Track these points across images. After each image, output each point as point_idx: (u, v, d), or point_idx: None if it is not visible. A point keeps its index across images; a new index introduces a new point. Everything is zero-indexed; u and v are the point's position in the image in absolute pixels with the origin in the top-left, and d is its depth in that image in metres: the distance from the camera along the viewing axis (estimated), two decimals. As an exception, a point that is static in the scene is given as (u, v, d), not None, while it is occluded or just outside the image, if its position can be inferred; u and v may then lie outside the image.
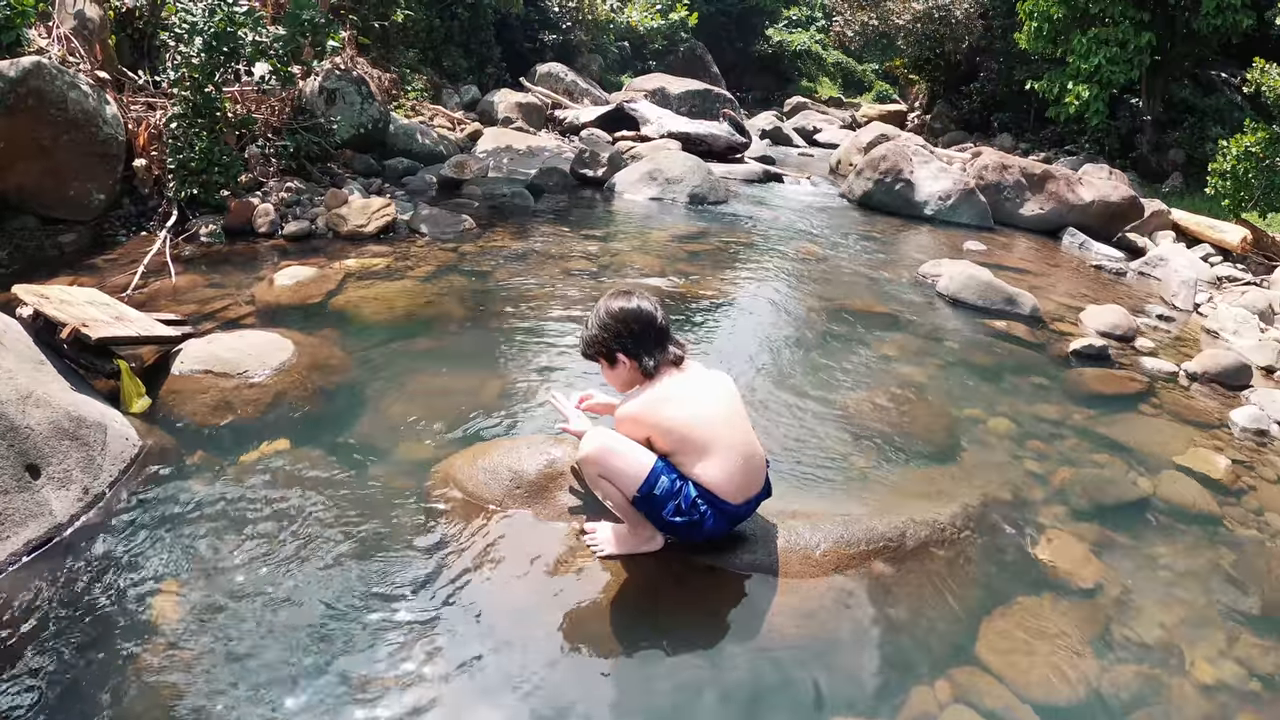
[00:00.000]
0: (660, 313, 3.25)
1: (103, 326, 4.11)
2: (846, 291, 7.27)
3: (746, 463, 3.17)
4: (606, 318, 3.23)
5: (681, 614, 3.11)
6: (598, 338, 3.26)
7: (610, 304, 3.26)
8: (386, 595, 3.01)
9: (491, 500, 3.49)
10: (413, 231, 7.48)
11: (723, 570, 3.26)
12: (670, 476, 3.07)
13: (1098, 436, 5.06)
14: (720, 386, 3.32)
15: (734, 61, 28.71)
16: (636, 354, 3.20)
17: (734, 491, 3.14)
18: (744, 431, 3.23)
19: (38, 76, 6.18)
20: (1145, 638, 3.36)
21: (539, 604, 3.05)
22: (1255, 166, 11.30)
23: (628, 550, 3.25)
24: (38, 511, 3.16)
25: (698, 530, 3.13)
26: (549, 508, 3.49)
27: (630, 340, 3.20)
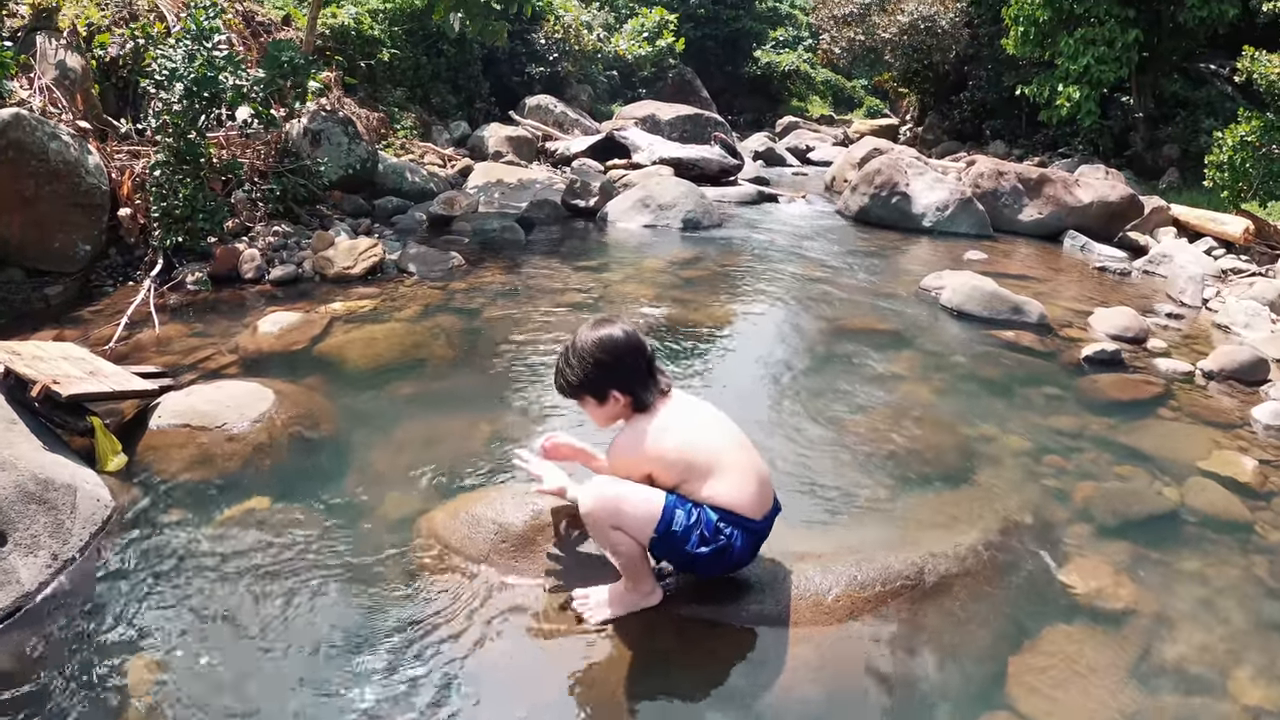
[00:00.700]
0: (646, 339, 3.06)
1: (74, 383, 3.98)
2: (848, 310, 7.13)
3: (758, 475, 3.03)
4: (594, 350, 2.96)
5: (686, 673, 2.91)
6: (585, 375, 2.98)
7: (593, 335, 2.99)
8: (369, 660, 2.85)
9: (476, 556, 3.32)
10: (401, 271, 7.36)
11: (728, 624, 3.07)
12: (685, 508, 2.89)
13: (1118, 446, 4.89)
14: (709, 408, 3.17)
15: (723, 85, 28.75)
16: (630, 388, 2.98)
17: (754, 507, 2.98)
18: (748, 447, 3.08)
19: (17, 128, 6.12)
20: (1184, 661, 3.18)
21: (530, 667, 2.89)
22: (1252, 156, 11.25)
23: (626, 609, 3.03)
24: (3, 580, 3.01)
25: (726, 557, 2.95)
26: (536, 561, 3.31)
27: (622, 373, 2.97)
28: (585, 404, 3.07)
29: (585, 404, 3.07)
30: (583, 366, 2.98)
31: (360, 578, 3.27)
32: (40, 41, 7.59)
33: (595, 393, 3.01)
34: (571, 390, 3.06)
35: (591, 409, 3.07)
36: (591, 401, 3.04)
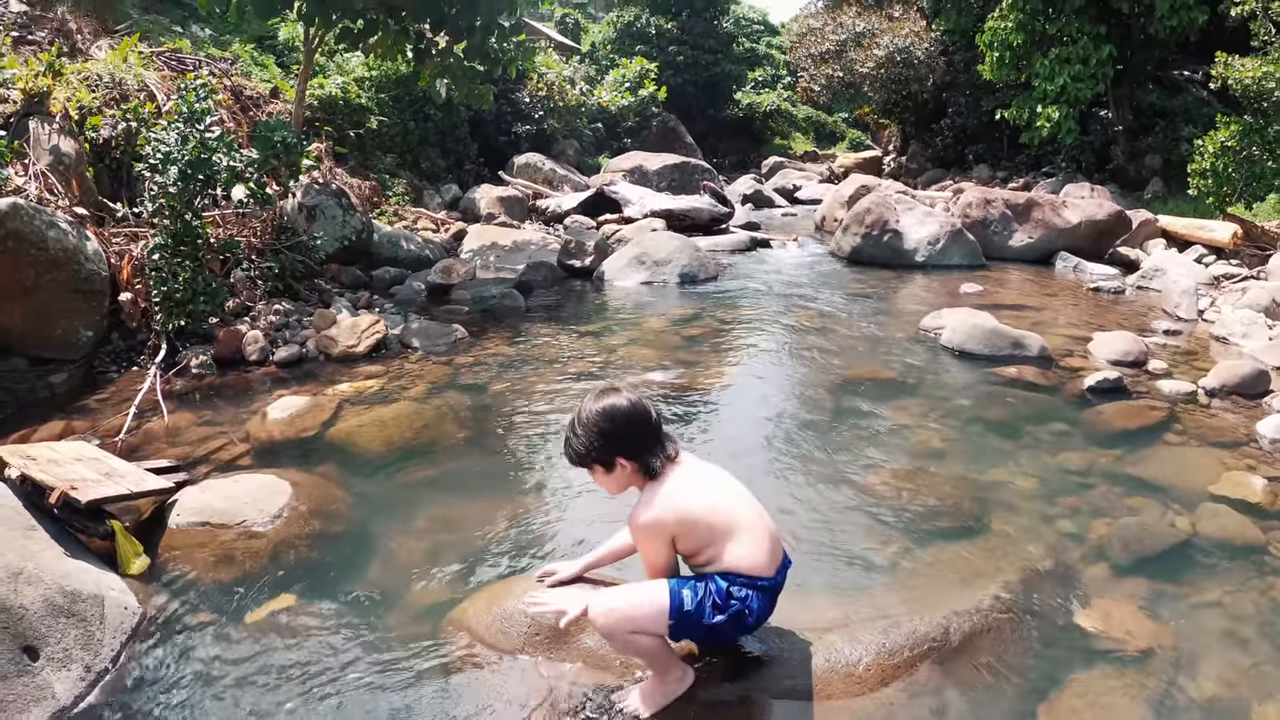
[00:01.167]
0: (652, 406, 3.08)
1: (92, 487, 3.98)
2: (850, 359, 7.17)
3: (770, 534, 3.04)
4: (599, 420, 2.97)
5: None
6: (591, 445, 2.98)
7: (597, 405, 3.00)
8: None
9: (510, 649, 3.31)
10: (405, 346, 7.37)
11: (761, 701, 3.08)
12: (689, 585, 2.91)
13: (1127, 478, 4.94)
14: (718, 470, 3.19)
15: (706, 129, 29.03)
16: (638, 456, 2.98)
17: (768, 564, 2.99)
18: (756, 504, 3.10)
19: (14, 218, 6.14)
20: (1208, 695, 3.21)
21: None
22: (1233, 160, 11.40)
23: (664, 703, 3.02)
24: (39, 695, 3.01)
25: (744, 620, 2.95)
26: (571, 652, 3.30)
27: (629, 441, 2.97)
28: (594, 473, 3.07)
29: (594, 473, 3.07)
30: (589, 436, 2.98)
31: (394, 675, 3.26)
32: (33, 126, 7.64)
33: (603, 461, 3.00)
34: (579, 460, 3.04)
35: (600, 477, 3.07)
36: (600, 470, 3.04)
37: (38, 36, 9.69)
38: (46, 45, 9.24)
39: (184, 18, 14.42)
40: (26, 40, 9.53)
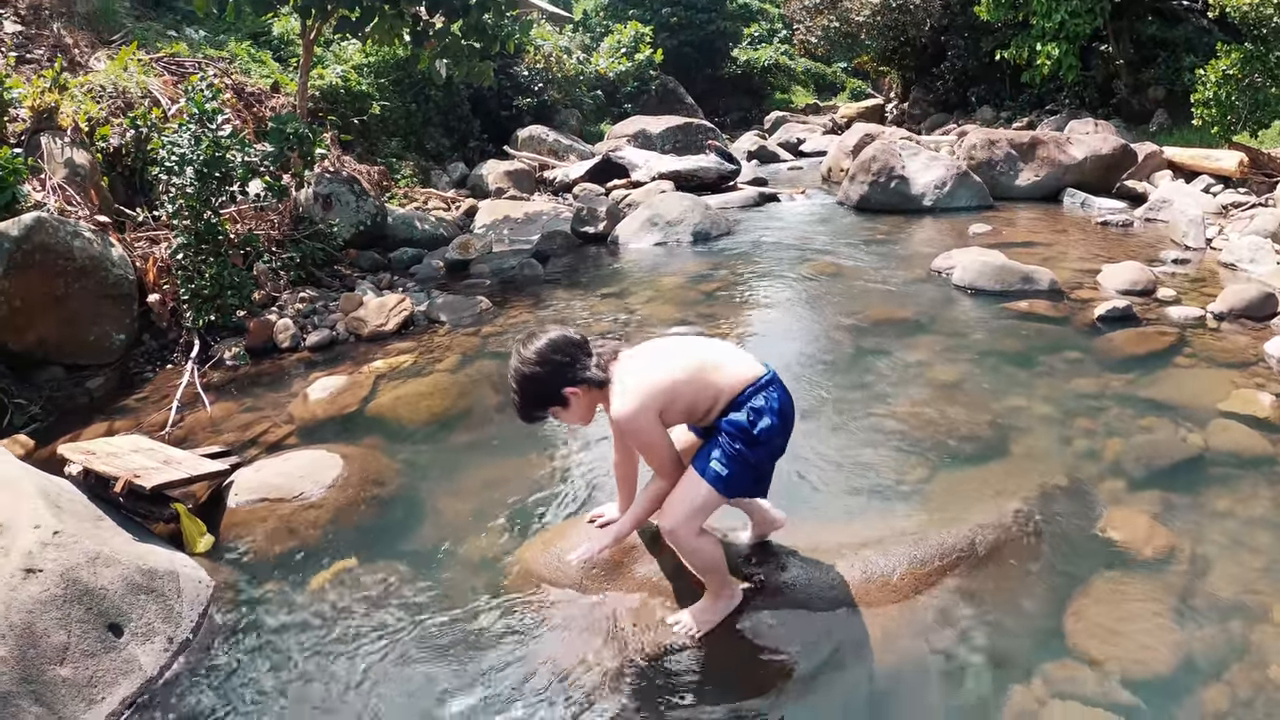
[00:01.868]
0: (568, 329, 3.09)
1: (154, 474, 4.16)
2: (865, 302, 7.28)
3: (733, 348, 3.25)
4: (533, 365, 2.97)
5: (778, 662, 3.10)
6: (538, 390, 3.00)
7: (524, 353, 3.00)
8: (487, 702, 3.02)
9: (571, 584, 3.49)
10: (432, 322, 7.51)
11: (808, 611, 3.26)
12: (714, 450, 3.01)
13: (1139, 400, 5.07)
14: (653, 341, 3.30)
15: (706, 88, 28.86)
16: (579, 378, 2.98)
17: (755, 364, 3.15)
18: (705, 339, 3.29)
19: (40, 231, 6.25)
20: (1225, 596, 3.37)
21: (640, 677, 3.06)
22: (1236, 88, 11.32)
23: (717, 619, 3.19)
24: (127, 669, 3.20)
25: (785, 415, 3.09)
26: (628, 581, 3.48)
27: (563, 371, 2.97)
28: (556, 415, 3.08)
29: (556, 415, 3.08)
30: (525, 389, 3.01)
31: (462, 619, 3.45)
32: (45, 142, 7.74)
33: (552, 402, 3.03)
34: (534, 409, 3.07)
35: (563, 415, 3.08)
36: (558, 410, 3.05)
37: (36, 55, 9.78)
38: (46, 63, 9.34)
39: (177, 22, 14.44)
40: (26, 60, 9.62)
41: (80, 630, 3.17)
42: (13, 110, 7.84)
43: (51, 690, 2.99)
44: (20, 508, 3.51)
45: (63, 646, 3.09)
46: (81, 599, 3.24)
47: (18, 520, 3.43)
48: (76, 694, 3.02)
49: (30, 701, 2.92)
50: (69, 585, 3.24)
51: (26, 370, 6.41)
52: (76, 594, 3.23)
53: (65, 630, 3.13)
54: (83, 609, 3.22)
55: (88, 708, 3.02)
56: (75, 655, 3.11)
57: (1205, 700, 2.87)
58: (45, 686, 2.98)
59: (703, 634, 3.16)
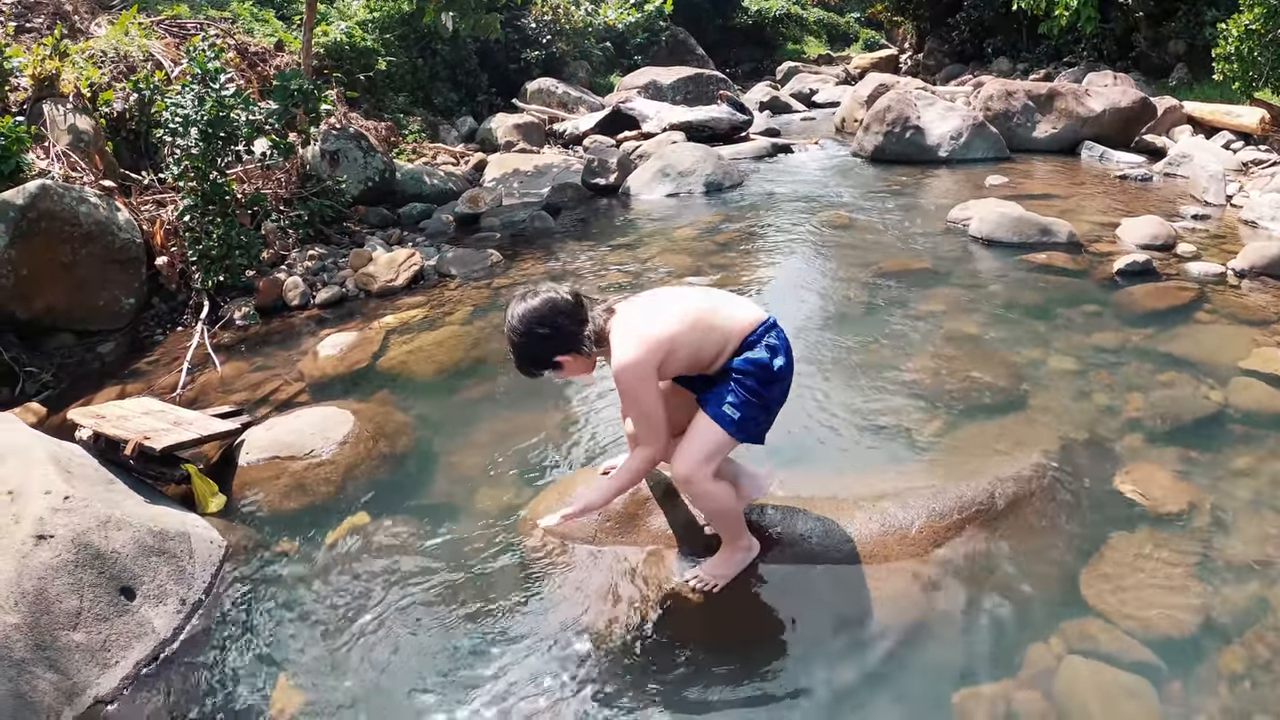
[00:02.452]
0: (563, 289, 3.00)
1: (164, 435, 4.12)
2: (881, 253, 7.19)
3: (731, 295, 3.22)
4: (519, 334, 2.92)
5: (795, 615, 3.07)
6: (529, 354, 2.97)
7: (517, 312, 2.93)
8: (502, 653, 3.00)
9: (583, 538, 3.46)
10: (442, 276, 7.46)
11: (826, 564, 3.21)
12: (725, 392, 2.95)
13: (1159, 355, 5.00)
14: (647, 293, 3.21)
15: (717, 39, 28.49)
16: (578, 341, 2.93)
17: (754, 308, 3.12)
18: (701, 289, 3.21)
19: (46, 198, 6.21)
20: (1245, 555, 3.31)
21: (656, 630, 3.03)
22: (1259, 44, 11.06)
23: (733, 572, 3.15)
24: (140, 631, 3.18)
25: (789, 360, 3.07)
26: (642, 534, 3.45)
27: (554, 339, 2.92)
28: (556, 374, 3.05)
29: (556, 374, 3.05)
30: (517, 352, 2.98)
31: (477, 573, 3.43)
32: (48, 109, 7.67)
33: (544, 365, 2.99)
34: (529, 372, 3.05)
35: (561, 375, 3.05)
36: (555, 370, 3.01)
37: (36, 23, 9.67)
38: (46, 30, 9.23)
39: (178, -17, 14.33)
40: (25, 29, 9.52)
41: (92, 594, 3.15)
42: (14, 79, 7.77)
43: (65, 656, 2.97)
44: (31, 474, 3.48)
45: (75, 611, 3.07)
46: (93, 563, 3.21)
47: (29, 487, 3.40)
48: (90, 658, 3.01)
49: (44, 668, 2.90)
50: (80, 550, 3.21)
51: (37, 338, 6.40)
52: (88, 558, 3.21)
53: (78, 595, 3.11)
54: (94, 573, 3.19)
55: (101, 672, 3.00)
56: (88, 620, 3.09)
57: (1223, 661, 2.84)
58: (59, 652, 2.96)
59: (719, 587, 3.12)
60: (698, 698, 2.78)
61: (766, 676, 2.84)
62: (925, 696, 2.76)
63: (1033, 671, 2.81)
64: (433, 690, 2.88)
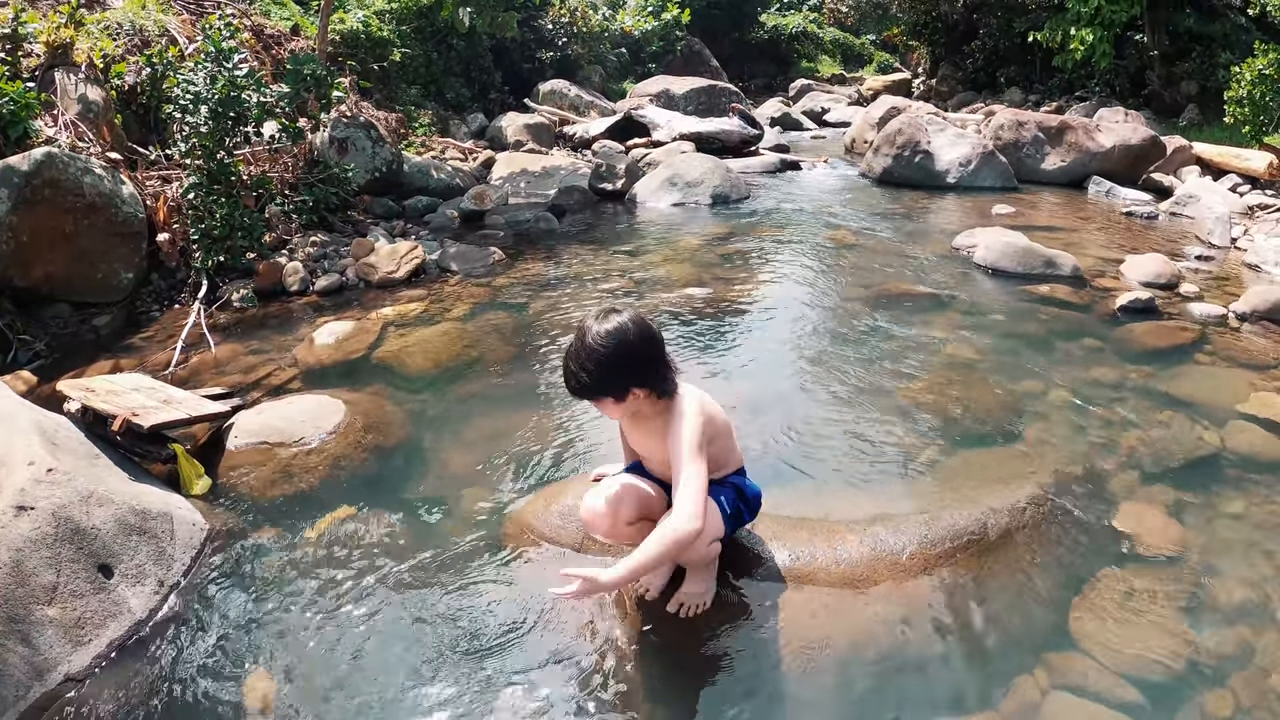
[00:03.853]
0: (653, 321, 2.86)
1: (152, 413, 4.08)
2: (884, 275, 7.18)
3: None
4: (610, 348, 2.68)
5: (777, 636, 3.01)
6: (604, 376, 2.72)
7: (603, 331, 2.70)
8: (478, 654, 2.96)
9: (570, 544, 3.43)
10: (443, 271, 7.43)
11: (813, 586, 3.17)
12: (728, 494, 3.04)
13: (1158, 394, 4.99)
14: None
15: (732, 52, 28.53)
16: (652, 381, 2.76)
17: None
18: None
19: (51, 166, 6.18)
20: (1235, 598, 3.31)
21: (635, 644, 2.98)
22: (1271, 89, 11.13)
23: (711, 585, 3.09)
24: (115, 611, 3.13)
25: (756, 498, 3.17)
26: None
27: (644, 367, 2.75)
28: (601, 404, 2.84)
29: (601, 404, 2.84)
30: (600, 368, 2.71)
31: (459, 574, 3.38)
32: (59, 78, 7.64)
33: (616, 393, 2.77)
34: (589, 393, 2.79)
35: (608, 407, 2.85)
36: (609, 401, 2.81)
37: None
38: (62, -2, 9.23)
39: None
40: (42, -5, 9.51)
41: (70, 570, 3.10)
42: (27, 45, 7.74)
43: (37, 630, 2.92)
44: (15, 444, 3.43)
45: (51, 586, 3.02)
46: (73, 538, 3.16)
47: (12, 456, 3.35)
48: (64, 635, 2.96)
49: (16, 641, 2.86)
50: (60, 524, 3.16)
51: (33, 306, 6.35)
52: (68, 533, 3.16)
53: (55, 570, 3.06)
54: (73, 548, 3.15)
55: (74, 649, 2.95)
56: (64, 595, 3.04)
57: (1208, 704, 2.82)
58: (32, 626, 2.92)
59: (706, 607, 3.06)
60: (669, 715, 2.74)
61: (744, 696, 2.80)
62: (905, 727, 2.72)
63: (1017, 705, 2.78)
64: (408, 685, 2.84)
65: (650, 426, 2.93)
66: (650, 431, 2.95)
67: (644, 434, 3.00)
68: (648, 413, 2.88)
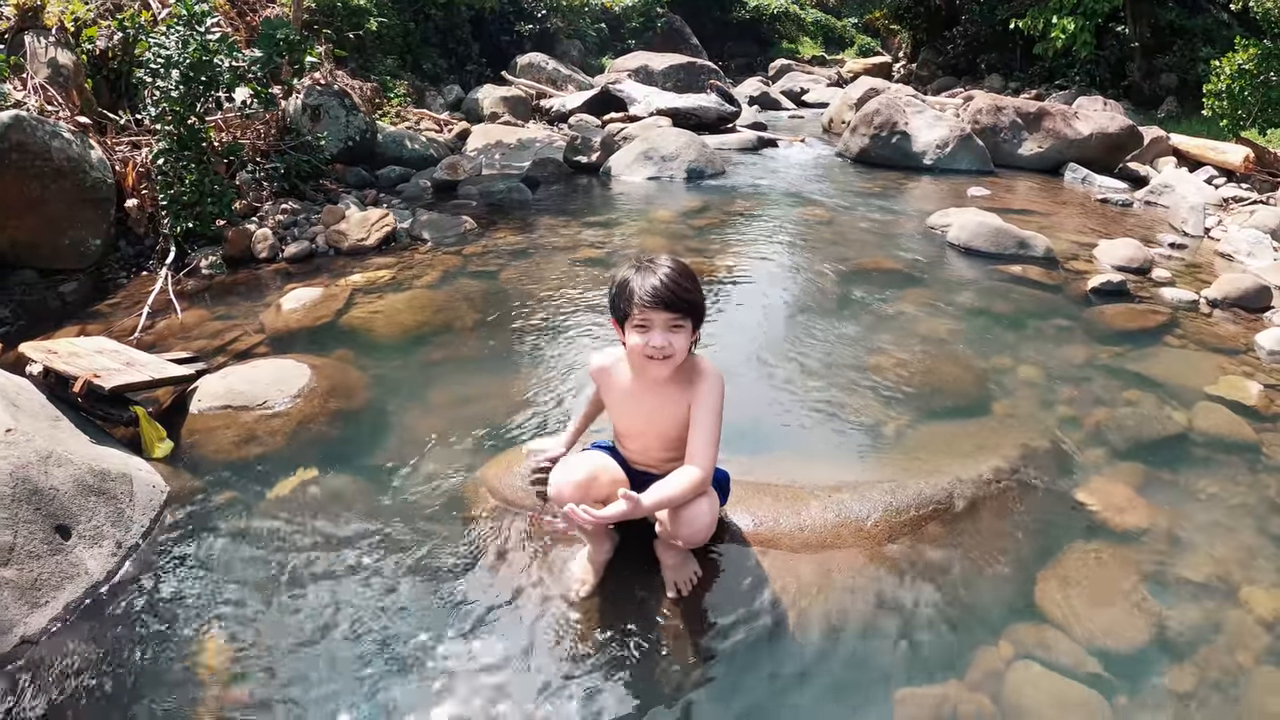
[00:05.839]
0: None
1: (114, 375, 4.04)
2: (857, 251, 7.18)
3: None
4: (691, 276, 2.73)
5: (740, 601, 3.00)
6: (698, 294, 2.74)
7: (681, 262, 2.76)
8: (438, 615, 2.95)
9: (530, 507, 3.39)
10: (414, 239, 7.39)
11: (776, 552, 3.17)
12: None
13: (1127, 374, 5.01)
14: None
15: (713, 31, 28.48)
16: (701, 321, 2.80)
17: None
18: None
19: (18, 130, 6.10)
20: (1199, 574, 3.33)
21: (597, 607, 2.97)
22: (1250, 84, 11.21)
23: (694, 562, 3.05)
24: (73, 572, 3.10)
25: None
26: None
27: (703, 307, 2.80)
28: (681, 332, 2.74)
29: (681, 332, 2.74)
30: (699, 288, 2.77)
31: (418, 535, 3.37)
32: (29, 41, 7.54)
33: (698, 313, 2.78)
34: (694, 310, 2.75)
35: (685, 338, 2.76)
36: (689, 328, 2.77)
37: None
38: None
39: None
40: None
41: (27, 531, 3.06)
42: (-2, 8, 7.62)
43: (-7, 591, 2.88)
44: (-27, 406, 3.38)
45: (8, 547, 2.98)
46: (30, 498, 3.12)
47: (-30, 418, 3.30)
48: (20, 596, 2.92)
49: (-29, 602, 2.82)
50: (18, 484, 3.12)
51: (-1, 273, 6.26)
52: (25, 493, 3.12)
53: (12, 530, 3.02)
54: (31, 509, 3.11)
55: (30, 610, 2.91)
56: (20, 556, 3.00)
57: (1172, 678, 2.83)
58: (-13, 587, 2.87)
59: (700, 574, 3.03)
60: (628, 678, 2.72)
61: (703, 662, 2.79)
62: (866, 692, 2.73)
63: (980, 674, 2.79)
64: (367, 650, 2.82)
65: (665, 391, 2.88)
66: (663, 397, 2.89)
67: (657, 397, 2.91)
68: (673, 375, 2.83)
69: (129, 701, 2.68)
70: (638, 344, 2.73)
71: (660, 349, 2.70)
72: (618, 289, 2.79)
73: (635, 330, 2.73)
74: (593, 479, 2.92)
